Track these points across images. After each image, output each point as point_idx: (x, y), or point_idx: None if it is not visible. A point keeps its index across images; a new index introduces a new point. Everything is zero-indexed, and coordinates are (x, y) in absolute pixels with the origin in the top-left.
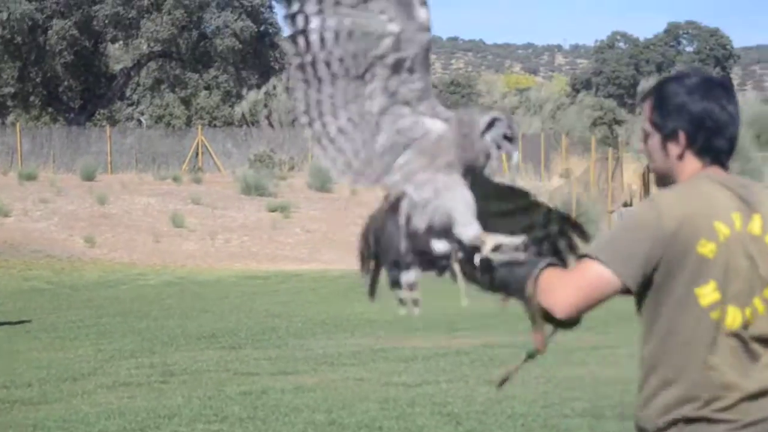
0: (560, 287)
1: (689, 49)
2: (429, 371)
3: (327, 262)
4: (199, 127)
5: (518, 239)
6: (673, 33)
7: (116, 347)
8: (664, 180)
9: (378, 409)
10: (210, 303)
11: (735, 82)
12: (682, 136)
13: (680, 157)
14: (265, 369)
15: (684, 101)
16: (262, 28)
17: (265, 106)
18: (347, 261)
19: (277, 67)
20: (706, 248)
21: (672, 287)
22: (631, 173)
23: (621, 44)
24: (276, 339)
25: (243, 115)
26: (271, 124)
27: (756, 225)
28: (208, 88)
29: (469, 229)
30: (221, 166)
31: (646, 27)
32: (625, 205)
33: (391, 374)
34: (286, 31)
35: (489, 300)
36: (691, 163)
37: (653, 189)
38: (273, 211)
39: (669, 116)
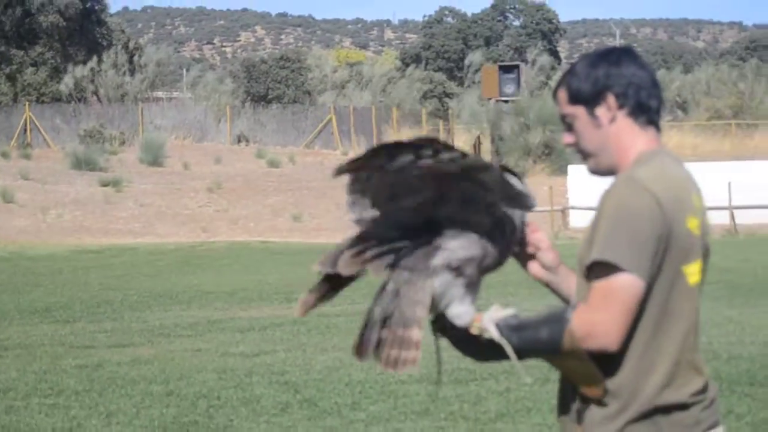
0: (601, 323)
1: (516, 23)
2: (266, 341)
3: (161, 236)
4: (27, 103)
5: (509, 310)
6: (500, 8)
7: None
8: (603, 170)
9: (216, 379)
10: (43, 278)
11: (562, 55)
12: (610, 97)
13: (612, 120)
14: (101, 342)
15: (602, 68)
16: (88, 5)
17: (92, 81)
18: (181, 234)
19: (104, 43)
20: (693, 224)
21: (664, 268)
22: (462, 144)
23: (449, 19)
24: (111, 312)
25: (71, 91)
26: (99, 100)
27: (701, 202)
28: (34, 64)
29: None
30: (51, 142)
31: (473, 2)
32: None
33: (229, 344)
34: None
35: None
36: (627, 125)
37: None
38: (105, 185)
39: (590, 85)
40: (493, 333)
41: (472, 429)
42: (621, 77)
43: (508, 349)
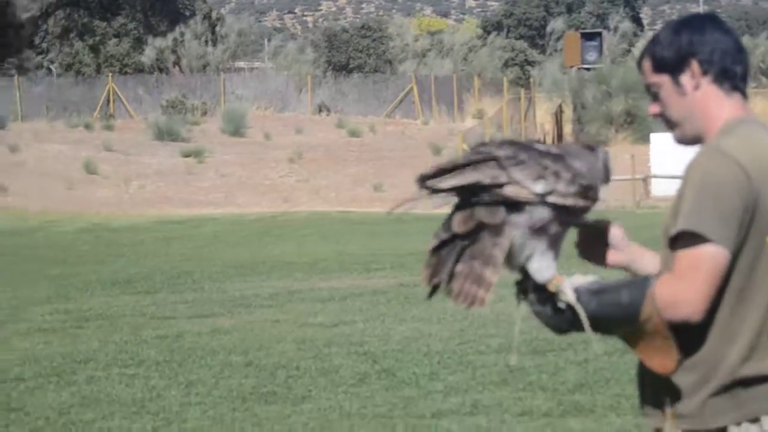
0: (685, 292)
1: None
2: (345, 311)
3: (242, 206)
4: (110, 74)
5: (591, 277)
6: None
7: (31, 294)
8: (689, 139)
9: (295, 349)
10: (125, 249)
11: (645, 22)
12: (694, 63)
13: (697, 87)
14: (182, 313)
15: (685, 35)
16: None
17: (174, 52)
18: (262, 204)
19: (187, 13)
20: None
21: (749, 238)
22: (543, 113)
23: None
24: (192, 283)
25: (153, 62)
26: (181, 70)
27: None
28: (117, 35)
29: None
30: (133, 113)
31: None
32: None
33: (308, 315)
34: None
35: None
36: (712, 92)
37: (566, 128)
38: (187, 156)
39: (674, 52)
40: (570, 296)
41: (550, 399)
42: (704, 44)
43: (582, 314)
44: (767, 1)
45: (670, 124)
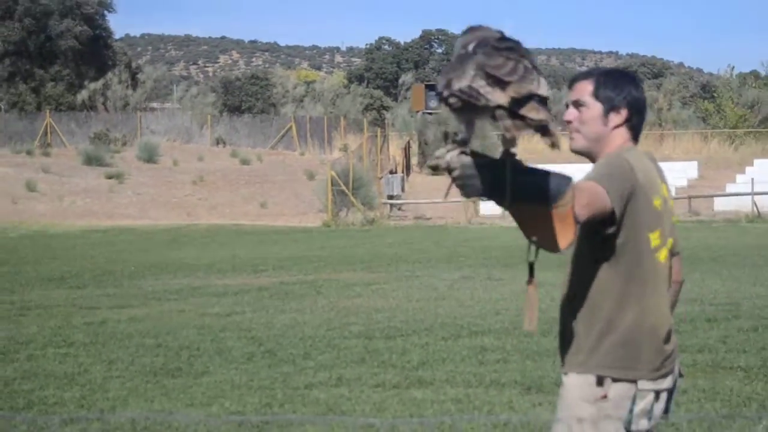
0: (581, 194)
1: (439, 50)
2: (237, 304)
3: (154, 219)
4: (48, 111)
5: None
6: (427, 38)
7: None
8: (583, 151)
9: (196, 334)
10: (59, 252)
11: None
12: (625, 112)
13: (616, 126)
14: (105, 304)
15: (630, 88)
16: (97, 32)
17: (102, 94)
18: (170, 218)
19: (111, 63)
20: (657, 202)
21: (635, 230)
22: (395, 148)
23: (386, 47)
24: (113, 280)
25: (84, 101)
26: (107, 109)
27: (665, 191)
28: (54, 80)
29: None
30: (67, 143)
31: (406, 33)
32: (391, 172)
33: (207, 306)
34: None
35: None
36: (622, 134)
37: (413, 160)
38: (110, 178)
39: (620, 98)
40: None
41: (399, 374)
42: (638, 102)
43: (509, 171)
44: (571, 62)
45: (574, 134)
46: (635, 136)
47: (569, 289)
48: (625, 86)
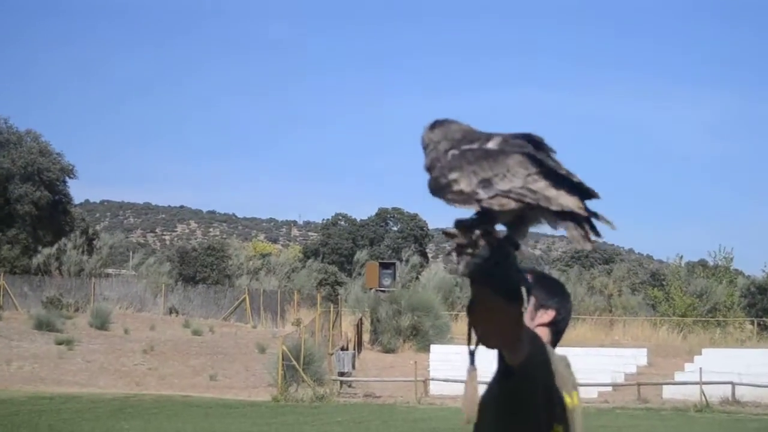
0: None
1: (395, 228)
2: None
3: (102, 387)
4: (1, 273)
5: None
6: (383, 216)
7: None
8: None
9: None
10: (2, 418)
11: (429, 255)
12: (552, 313)
13: (539, 325)
14: None
15: (562, 293)
16: (56, 198)
17: (57, 259)
18: (118, 386)
19: (68, 228)
20: (567, 400)
21: (541, 415)
22: (347, 324)
23: (342, 223)
24: None
25: (39, 265)
26: (61, 274)
27: (576, 399)
28: (10, 243)
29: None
30: (19, 306)
31: (362, 210)
32: (343, 349)
33: None
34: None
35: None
36: (544, 333)
37: (365, 337)
38: (60, 344)
39: (550, 296)
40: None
41: None
42: (566, 309)
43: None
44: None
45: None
46: (557, 340)
47: None
48: (557, 293)
